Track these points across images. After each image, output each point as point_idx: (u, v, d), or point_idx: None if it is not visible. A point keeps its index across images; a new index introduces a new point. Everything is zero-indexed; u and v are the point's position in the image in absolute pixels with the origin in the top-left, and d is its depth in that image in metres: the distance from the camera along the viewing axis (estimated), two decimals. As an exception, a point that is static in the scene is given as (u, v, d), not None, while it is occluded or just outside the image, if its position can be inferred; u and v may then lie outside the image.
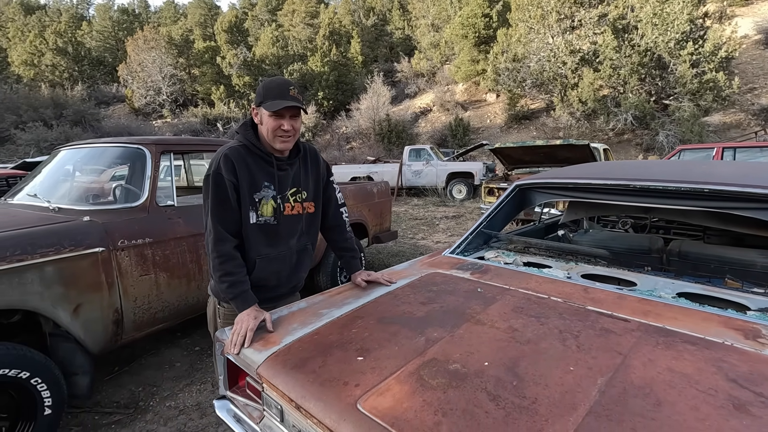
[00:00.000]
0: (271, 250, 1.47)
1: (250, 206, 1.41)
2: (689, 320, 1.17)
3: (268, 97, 1.37)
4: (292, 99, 1.36)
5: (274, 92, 1.37)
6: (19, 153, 17.48)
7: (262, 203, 1.43)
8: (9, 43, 33.09)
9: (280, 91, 1.37)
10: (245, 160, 1.41)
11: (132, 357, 2.86)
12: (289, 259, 1.54)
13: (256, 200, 1.42)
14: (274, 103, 1.35)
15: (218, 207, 1.37)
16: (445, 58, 25.64)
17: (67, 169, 2.80)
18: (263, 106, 1.37)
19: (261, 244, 1.45)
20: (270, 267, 1.49)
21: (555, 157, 6.09)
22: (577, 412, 0.82)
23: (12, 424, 1.79)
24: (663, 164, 2.17)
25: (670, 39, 13.63)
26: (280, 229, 1.48)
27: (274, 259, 1.49)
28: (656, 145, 14.35)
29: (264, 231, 1.45)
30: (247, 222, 1.42)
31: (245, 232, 1.43)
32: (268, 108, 1.35)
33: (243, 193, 1.40)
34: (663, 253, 1.94)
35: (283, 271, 1.54)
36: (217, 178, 1.36)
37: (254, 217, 1.42)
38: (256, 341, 1.22)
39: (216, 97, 26.29)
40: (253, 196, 1.42)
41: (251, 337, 1.23)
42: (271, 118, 1.37)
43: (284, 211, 1.47)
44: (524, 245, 2.00)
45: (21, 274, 1.79)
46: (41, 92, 24.20)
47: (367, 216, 4.07)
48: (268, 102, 1.36)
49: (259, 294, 1.42)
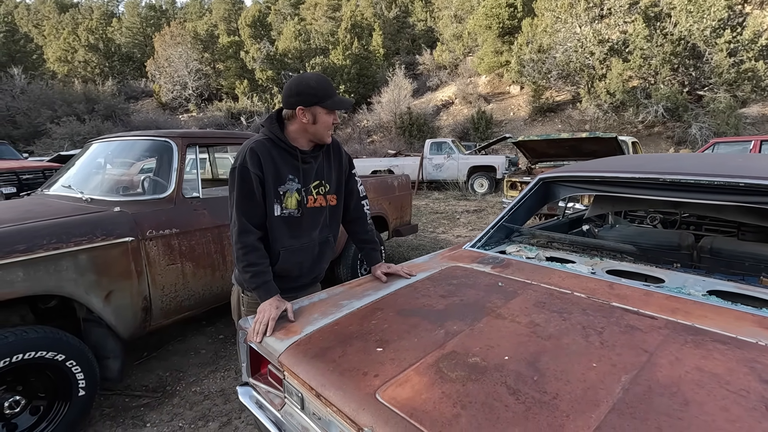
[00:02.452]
0: (295, 241, 1.50)
1: (275, 199, 1.44)
2: (720, 319, 1.13)
3: (326, 96, 1.41)
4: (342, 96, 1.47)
5: (329, 91, 1.43)
6: (55, 146, 18.20)
7: (287, 196, 1.46)
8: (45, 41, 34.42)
9: (332, 89, 1.44)
10: (270, 154, 1.44)
11: (160, 343, 2.96)
12: (311, 251, 1.56)
13: (280, 193, 1.45)
14: (336, 102, 1.43)
15: (243, 200, 1.41)
16: (468, 50, 25.22)
17: (98, 162, 2.91)
18: (323, 105, 1.41)
19: (285, 235, 1.48)
20: (293, 258, 1.52)
21: (581, 150, 5.93)
22: (600, 409, 0.80)
23: (49, 403, 1.89)
24: (695, 157, 2.08)
25: (705, 27, 13.01)
26: (303, 221, 1.50)
27: (297, 250, 1.52)
28: (688, 138, 13.79)
29: (288, 223, 1.48)
30: (272, 214, 1.45)
31: (270, 224, 1.46)
32: (331, 106, 1.42)
33: (268, 185, 1.43)
34: (694, 250, 1.87)
35: (305, 262, 1.56)
36: (243, 172, 1.40)
37: (279, 209, 1.45)
38: (278, 330, 1.24)
39: (240, 91, 26.66)
40: (278, 189, 1.45)
41: (273, 326, 1.26)
42: (328, 116, 1.44)
43: (307, 204, 1.50)
44: (547, 240, 1.96)
45: (57, 261, 1.88)
46: (74, 88, 25.08)
47: (387, 209, 4.07)
48: (328, 101, 1.41)
49: (281, 284, 1.45)
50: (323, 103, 1.40)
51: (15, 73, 23.23)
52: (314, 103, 1.40)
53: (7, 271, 1.73)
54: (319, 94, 1.41)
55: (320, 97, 1.41)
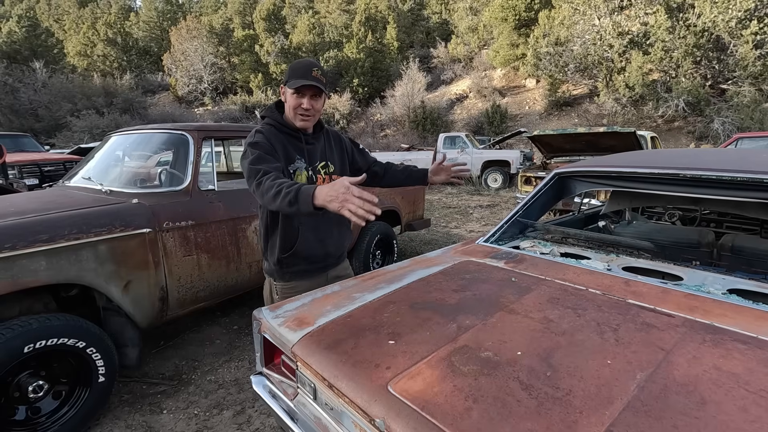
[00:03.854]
0: (311, 220, 1.55)
1: None
2: (741, 318, 1.10)
3: (293, 76, 1.45)
4: (314, 79, 1.43)
5: (299, 72, 1.44)
6: (75, 139, 18.61)
7: (297, 174, 1.51)
8: (65, 35, 35.05)
9: (304, 71, 1.44)
10: (277, 137, 1.50)
11: (176, 333, 3.03)
12: (329, 229, 1.62)
13: (290, 171, 1.50)
14: (296, 81, 1.43)
15: (258, 159, 1.37)
16: (483, 43, 24.89)
17: (117, 154, 2.97)
18: (287, 85, 1.46)
19: None
20: (315, 235, 1.57)
21: (598, 145, 5.81)
22: (614, 406, 0.79)
23: (71, 389, 1.95)
24: (716, 152, 2.03)
25: (731, 18, 12.59)
26: None
27: (315, 227, 1.57)
28: (710, 133, 13.42)
29: None
30: None
31: None
32: (291, 86, 1.44)
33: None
34: (714, 247, 1.83)
35: (327, 240, 1.62)
36: (254, 145, 1.43)
37: None
38: (291, 321, 1.25)
39: (254, 84, 26.82)
40: (288, 168, 1.50)
41: (363, 193, 1.08)
42: (293, 97, 1.46)
43: (316, 182, 1.54)
44: (562, 235, 1.93)
45: (78, 251, 1.93)
46: (93, 81, 25.58)
47: (400, 203, 4.07)
48: (291, 81, 1.45)
49: (311, 265, 1.58)
50: (288, 83, 1.46)
51: (37, 67, 23.77)
52: (285, 82, 1.48)
53: (31, 260, 1.78)
54: (289, 73, 1.46)
55: (288, 76, 1.46)
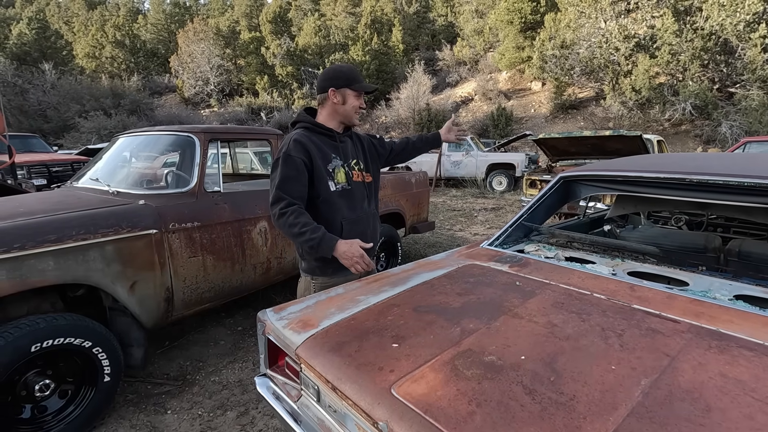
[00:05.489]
0: (352, 212, 1.67)
1: (327, 177, 1.61)
2: (747, 324, 1.10)
3: (354, 81, 1.62)
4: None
5: (358, 77, 1.64)
6: (83, 140, 18.76)
7: (336, 172, 1.64)
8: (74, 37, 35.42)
9: (360, 77, 1.65)
10: (312, 140, 1.62)
11: (181, 333, 3.04)
12: (366, 221, 1.75)
13: (330, 170, 1.63)
14: (364, 86, 1.64)
15: (286, 180, 1.54)
16: (489, 46, 24.85)
17: (124, 156, 2.99)
18: (351, 88, 1.62)
19: (343, 207, 1.65)
20: (355, 228, 1.67)
21: (603, 148, 5.79)
22: (618, 412, 0.79)
23: (77, 388, 1.97)
24: (723, 157, 2.01)
25: (739, 21, 12.49)
26: (355, 193, 1.69)
27: (356, 221, 1.69)
28: (718, 137, 13.30)
29: (343, 196, 1.65)
30: (328, 191, 1.61)
31: (328, 200, 1.62)
32: (359, 89, 1.63)
33: (317, 166, 1.59)
34: (720, 253, 1.81)
35: (367, 231, 1.73)
36: (287, 158, 1.55)
37: (333, 185, 1.63)
38: (296, 323, 1.26)
39: (260, 86, 26.95)
40: (327, 167, 1.62)
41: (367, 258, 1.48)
42: (356, 98, 1.64)
43: (353, 178, 1.69)
44: (567, 239, 1.93)
45: (85, 251, 1.95)
46: (102, 83, 25.80)
47: (404, 206, 4.07)
48: (356, 84, 1.62)
49: None
50: (352, 86, 1.61)
51: (46, 69, 24.02)
52: (344, 86, 1.61)
53: (40, 260, 1.80)
54: (349, 77, 1.62)
55: (350, 80, 1.61)
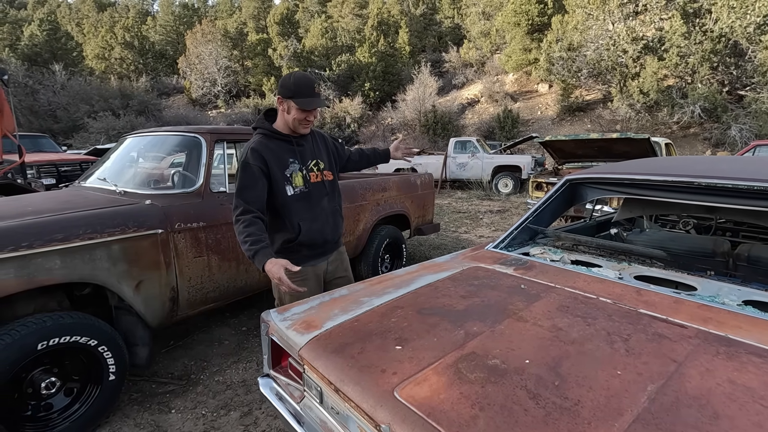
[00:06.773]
0: (309, 213, 1.74)
1: (284, 182, 1.67)
2: (756, 330, 1.08)
3: (300, 94, 1.62)
4: (319, 97, 1.67)
5: (306, 91, 1.62)
6: (91, 140, 18.96)
7: (293, 176, 1.69)
8: (84, 39, 35.86)
9: (309, 89, 1.63)
10: (269, 147, 1.66)
11: (185, 333, 3.05)
12: (325, 219, 1.80)
13: (287, 175, 1.68)
14: (308, 101, 1.62)
15: (244, 188, 1.61)
16: (496, 47, 24.81)
17: (131, 156, 3.02)
18: (295, 101, 1.62)
19: (300, 209, 1.71)
20: (313, 227, 1.74)
21: (611, 151, 5.74)
22: (624, 417, 0.78)
23: (82, 386, 1.98)
24: (733, 160, 1.99)
25: (749, 23, 12.38)
26: (312, 195, 1.74)
27: (313, 220, 1.74)
28: (727, 140, 13.17)
29: (301, 199, 1.71)
30: (285, 195, 1.67)
31: (285, 204, 1.68)
32: (301, 105, 1.61)
33: (275, 172, 1.64)
34: (729, 257, 1.79)
35: (325, 229, 1.80)
36: (245, 166, 1.62)
37: (291, 190, 1.68)
38: (299, 324, 1.26)
39: (267, 88, 27.09)
40: (284, 173, 1.67)
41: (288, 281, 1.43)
42: (300, 112, 1.63)
43: (311, 180, 1.74)
44: (573, 242, 1.91)
45: (92, 250, 1.96)
46: (110, 84, 26.08)
47: (409, 207, 4.06)
48: (299, 99, 1.61)
49: (311, 252, 1.76)
50: (295, 99, 1.62)
51: (56, 70, 24.32)
52: (289, 97, 1.63)
53: (47, 259, 1.82)
54: (294, 90, 1.62)
55: (295, 93, 1.62)
